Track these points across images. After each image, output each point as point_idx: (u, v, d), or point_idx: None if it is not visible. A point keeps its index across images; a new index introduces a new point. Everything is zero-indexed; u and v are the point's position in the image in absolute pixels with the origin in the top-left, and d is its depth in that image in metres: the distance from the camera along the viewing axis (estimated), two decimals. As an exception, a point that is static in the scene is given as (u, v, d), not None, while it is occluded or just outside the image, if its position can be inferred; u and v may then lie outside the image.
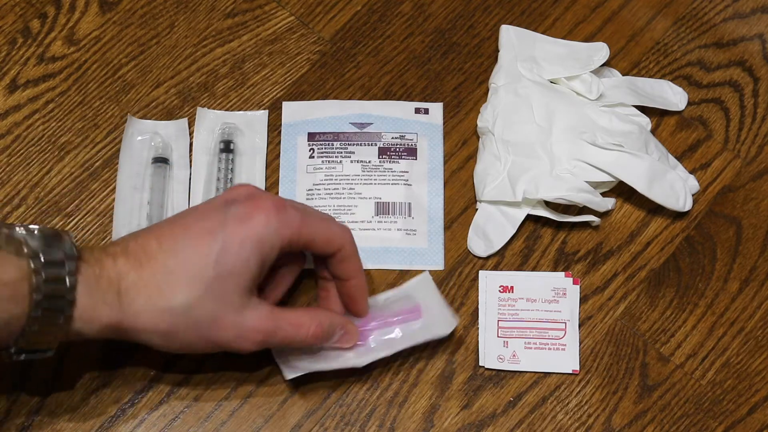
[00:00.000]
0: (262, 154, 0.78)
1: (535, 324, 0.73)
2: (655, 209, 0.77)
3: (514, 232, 0.75)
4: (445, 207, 0.77)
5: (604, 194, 0.77)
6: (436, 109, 0.80)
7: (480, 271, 0.75)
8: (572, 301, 0.74)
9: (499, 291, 0.74)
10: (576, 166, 0.76)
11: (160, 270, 0.61)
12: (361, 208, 0.76)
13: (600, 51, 0.80)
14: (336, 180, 0.77)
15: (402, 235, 0.76)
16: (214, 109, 0.79)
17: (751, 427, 0.71)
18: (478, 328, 0.73)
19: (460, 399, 0.72)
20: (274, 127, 0.79)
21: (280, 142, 0.78)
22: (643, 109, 0.79)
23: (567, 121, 0.77)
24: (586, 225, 0.76)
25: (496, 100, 0.78)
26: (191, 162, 0.77)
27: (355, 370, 0.71)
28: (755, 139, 0.80)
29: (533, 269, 0.75)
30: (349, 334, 0.68)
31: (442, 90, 0.80)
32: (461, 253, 0.75)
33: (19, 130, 0.78)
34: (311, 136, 0.78)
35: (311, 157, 0.78)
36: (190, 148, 0.78)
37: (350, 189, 0.77)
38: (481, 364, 0.72)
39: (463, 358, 0.73)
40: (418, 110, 0.79)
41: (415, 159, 0.78)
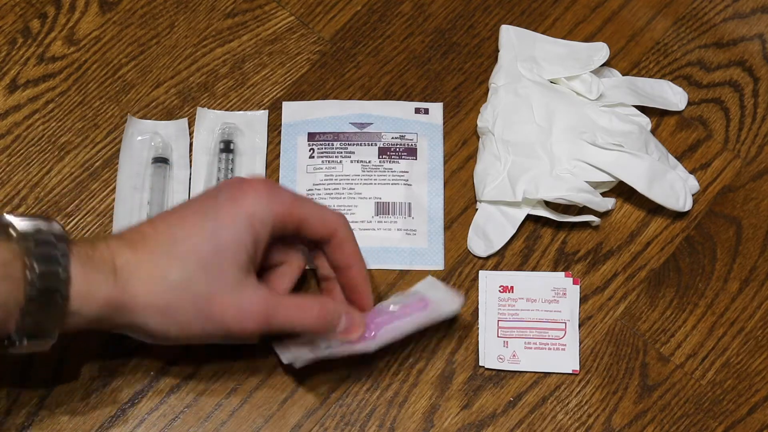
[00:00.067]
0: (262, 154, 0.78)
1: (535, 324, 0.73)
2: (655, 209, 0.77)
3: (514, 232, 0.75)
4: (445, 207, 0.77)
5: (604, 194, 0.77)
6: (436, 109, 0.80)
7: (480, 271, 0.75)
8: (572, 301, 0.74)
9: (499, 291, 0.74)
10: (576, 166, 0.76)
11: (155, 249, 0.62)
12: (361, 208, 0.76)
13: (600, 51, 0.80)
14: (336, 180, 0.77)
15: (402, 235, 0.76)
16: (214, 109, 0.79)
17: (751, 427, 0.71)
18: (478, 328, 0.73)
19: (460, 399, 0.72)
20: (274, 127, 0.79)
21: (280, 142, 0.78)
22: (643, 109, 0.79)
23: (567, 121, 0.77)
24: (586, 225, 0.76)
25: (496, 100, 0.78)
26: (191, 162, 0.77)
27: (356, 369, 0.71)
28: (755, 139, 0.80)
29: (533, 269, 0.75)
30: (354, 323, 0.67)
31: (442, 90, 0.80)
32: (461, 253, 0.75)
33: (19, 130, 0.78)
34: (311, 136, 0.78)
35: (311, 157, 0.78)
36: (190, 148, 0.78)
37: (350, 189, 0.77)
38: (481, 364, 0.72)
39: (463, 358, 0.73)
40: (418, 110, 0.79)
41: (415, 159, 0.78)
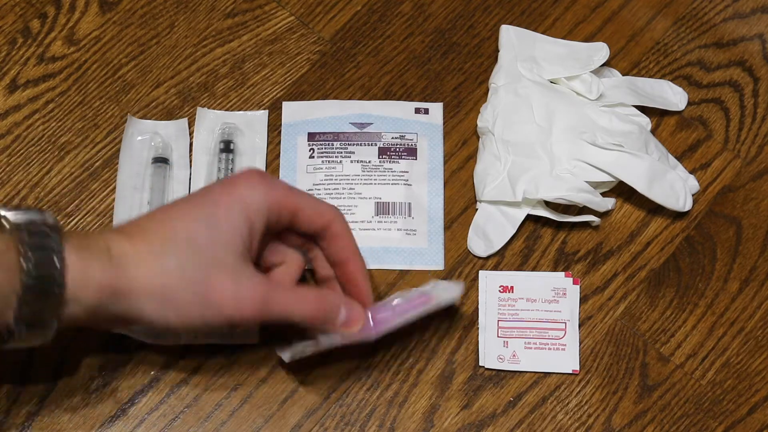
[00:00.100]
0: (262, 154, 0.78)
1: (535, 324, 0.73)
2: (655, 209, 0.77)
3: (514, 232, 0.75)
4: (445, 207, 0.77)
5: (604, 194, 0.77)
6: (436, 109, 0.80)
7: (480, 271, 0.75)
8: (572, 301, 0.74)
9: (499, 291, 0.74)
10: (576, 166, 0.76)
11: (151, 238, 0.62)
12: (361, 208, 0.76)
13: (600, 51, 0.80)
14: (336, 180, 0.77)
15: (402, 235, 0.76)
16: (214, 109, 0.79)
17: (751, 427, 0.71)
18: (478, 328, 0.73)
19: (460, 399, 0.72)
20: (274, 127, 0.79)
21: (280, 142, 0.78)
22: (643, 109, 0.79)
23: (567, 121, 0.77)
24: (586, 225, 0.76)
25: (496, 100, 0.78)
26: (191, 162, 0.77)
27: (356, 369, 0.71)
28: (755, 139, 0.80)
29: (533, 269, 0.75)
30: (354, 314, 0.66)
31: (442, 90, 0.80)
32: (461, 253, 0.75)
33: (19, 130, 0.78)
34: (311, 136, 0.78)
35: (311, 157, 0.78)
36: (190, 148, 0.78)
37: (350, 189, 0.77)
38: (481, 364, 0.72)
39: (463, 358, 0.73)
40: (418, 110, 0.79)
41: (415, 159, 0.78)
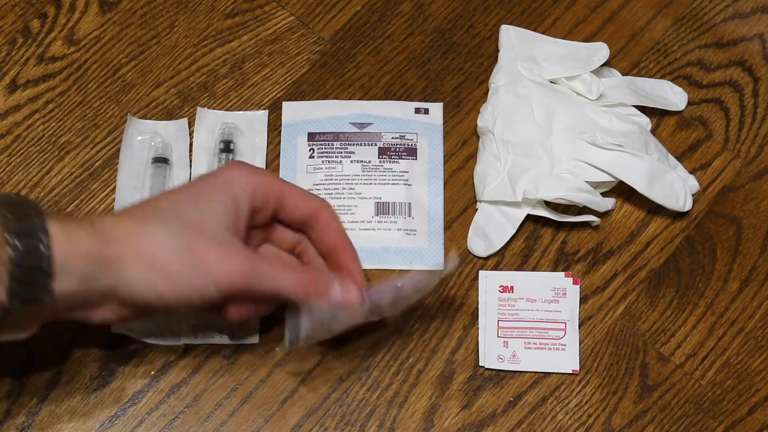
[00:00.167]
0: (262, 154, 0.78)
1: (535, 324, 0.73)
2: (655, 209, 0.77)
3: (514, 232, 0.75)
4: (445, 207, 0.77)
5: (604, 194, 0.77)
6: (436, 109, 0.80)
7: (480, 271, 0.75)
8: (572, 301, 0.74)
9: (499, 291, 0.74)
10: (576, 166, 0.76)
11: (136, 213, 0.64)
12: (361, 208, 0.76)
13: (600, 51, 0.80)
14: (336, 180, 0.77)
15: (402, 235, 0.76)
16: (214, 109, 0.79)
17: (751, 427, 0.71)
18: (478, 328, 0.73)
19: (460, 399, 0.72)
20: (274, 127, 0.79)
21: (280, 142, 0.78)
22: (643, 109, 0.79)
23: (567, 121, 0.77)
24: (586, 225, 0.76)
25: (496, 100, 0.78)
26: (191, 162, 0.77)
27: (356, 369, 0.71)
28: (755, 139, 0.80)
29: (533, 269, 0.75)
30: (350, 287, 0.66)
31: (442, 90, 0.80)
32: (461, 253, 0.75)
33: (19, 130, 0.78)
34: (311, 136, 0.78)
35: (311, 157, 0.78)
36: (190, 148, 0.78)
37: (350, 189, 0.77)
38: (481, 364, 0.72)
39: (463, 358, 0.73)
40: (418, 110, 0.79)
41: (415, 159, 0.78)
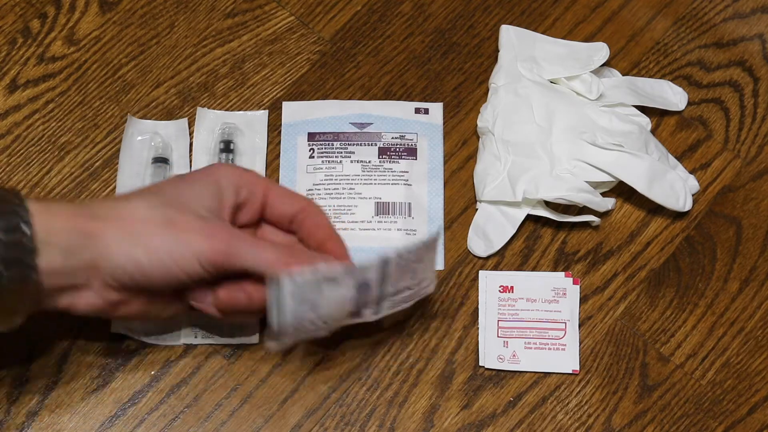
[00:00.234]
0: (262, 154, 0.78)
1: (535, 324, 0.73)
2: (655, 209, 0.77)
3: (514, 232, 0.75)
4: (445, 207, 0.77)
5: (604, 194, 0.77)
6: (436, 109, 0.80)
7: (480, 271, 0.75)
8: (572, 301, 0.74)
9: (499, 291, 0.74)
10: (576, 166, 0.76)
11: (119, 196, 0.66)
12: (361, 208, 0.76)
13: (600, 51, 0.80)
14: (336, 180, 0.77)
15: (402, 235, 0.76)
16: (214, 109, 0.79)
17: (751, 427, 0.71)
18: (478, 328, 0.73)
19: (460, 399, 0.72)
20: (274, 127, 0.79)
21: (280, 142, 0.78)
22: (643, 109, 0.79)
23: (567, 121, 0.77)
24: (586, 225, 0.76)
25: (496, 100, 0.78)
26: (191, 162, 0.77)
27: (356, 369, 0.71)
28: (755, 139, 0.80)
29: (533, 269, 0.75)
30: (333, 261, 0.65)
31: (442, 90, 0.80)
32: (461, 253, 0.75)
33: (19, 130, 0.78)
34: (311, 136, 0.78)
35: (311, 157, 0.78)
36: (190, 148, 0.78)
37: (350, 189, 0.77)
38: (481, 364, 0.72)
39: (463, 358, 0.73)
40: (418, 110, 0.79)
41: (415, 159, 0.78)
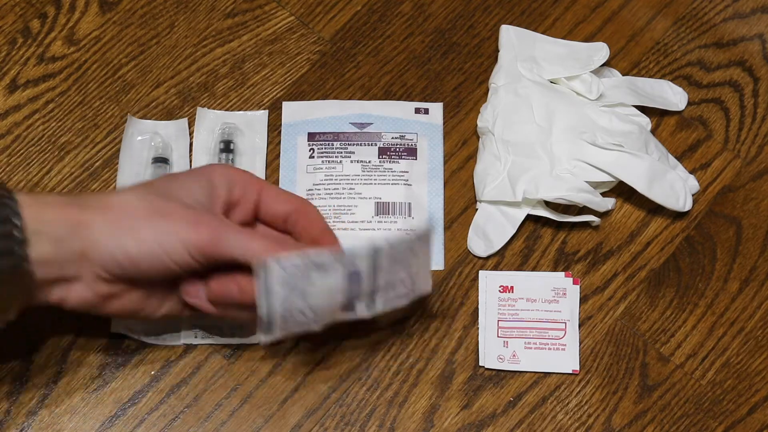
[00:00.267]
0: (262, 154, 0.78)
1: (535, 324, 0.73)
2: (655, 209, 0.77)
3: (514, 232, 0.75)
4: (445, 207, 0.77)
5: (604, 194, 0.77)
6: (436, 109, 0.80)
7: (480, 271, 0.75)
8: (572, 301, 0.74)
9: (499, 291, 0.74)
10: (576, 166, 0.76)
11: (108, 191, 0.67)
12: (361, 208, 0.76)
13: (600, 51, 0.80)
14: (336, 180, 0.77)
15: (402, 235, 0.76)
16: (214, 109, 0.79)
17: (751, 427, 0.71)
18: (478, 328, 0.73)
19: (460, 399, 0.72)
20: (274, 127, 0.79)
21: (280, 142, 0.78)
22: (643, 109, 0.79)
23: (567, 121, 0.77)
24: (586, 225, 0.76)
25: (496, 100, 0.78)
26: (191, 162, 0.77)
27: (356, 369, 0.71)
28: (755, 139, 0.80)
29: (533, 269, 0.75)
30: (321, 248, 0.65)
31: (442, 90, 0.80)
32: (461, 253, 0.75)
33: (19, 130, 0.78)
34: (311, 136, 0.78)
35: (311, 157, 0.78)
36: (190, 148, 0.78)
37: (350, 189, 0.77)
38: (481, 364, 0.72)
39: (463, 358, 0.73)
40: (418, 110, 0.79)
41: (415, 159, 0.78)
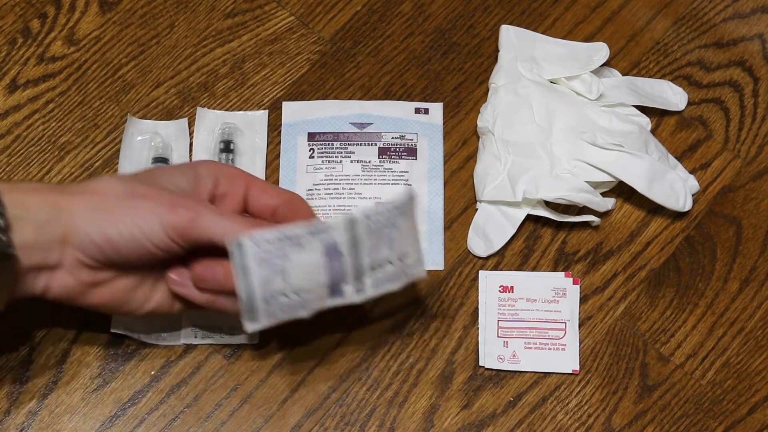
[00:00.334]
0: (262, 154, 0.78)
1: (535, 324, 0.73)
2: (655, 209, 0.77)
3: (514, 232, 0.75)
4: (445, 207, 0.77)
5: (604, 194, 0.77)
6: (436, 109, 0.80)
7: (480, 271, 0.75)
8: (572, 301, 0.74)
9: (499, 291, 0.74)
10: (576, 166, 0.76)
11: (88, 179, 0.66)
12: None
13: (600, 51, 0.80)
14: (336, 180, 0.77)
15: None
16: (214, 109, 0.79)
17: (751, 427, 0.71)
18: (478, 328, 0.73)
19: (460, 399, 0.72)
20: (274, 127, 0.79)
21: (280, 142, 0.78)
22: (643, 109, 0.79)
23: (567, 121, 0.77)
24: (586, 225, 0.76)
25: (496, 100, 0.78)
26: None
27: (356, 369, 0.71)
28: (755, 139, 0.80)
29: (533, 269, 0.75)
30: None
31: (442, 90, 0.80)
32: (461, 253, 0.75)
33: (19, 130, 0.78)
34: (311, 136, 0.78)
35: (311, 157, 0.78)
36: (190, 148, 0.78)
37: (350, 189, 0.77)
38: (481, 364, 0.72)
39: (463, 358, 0.73)
40: (418, 110, 0.79)
41: (415, 159, 0.78)
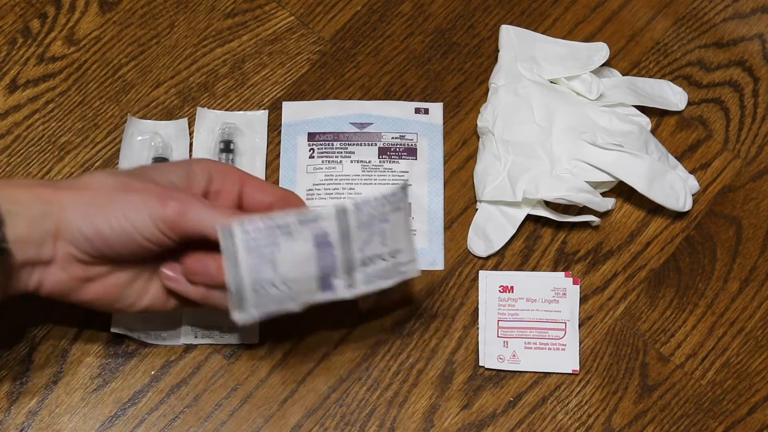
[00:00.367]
0: (262, 154, 0.78)
1: (535, 324, 0.73)
2: (655, 209, 0.77)
3: (514, 232, 0.75)
4: (445, 207, 0.77)
5: (604, 194, 0.77)
6: (436, 109, 0.80)
7: (480, 271, 0.75)
8: (572, 301, 0.74)
9: (499, 291, 0.74)
10: (576, 166, 0.76)
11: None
12: (361, 208, 0.76)
13: (600, 51, 0.80)
14: (336, 180, 0.77)
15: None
16: (214, 109, 0.79)
17: (751, 427, 0.71)
18: (478, 328, 0.73)
19: (460, 399, 0.72)
20: (274, 127, 0.79)
21: (280, 142, 0.78)
22: (643, 109, 0.79)
23: (567, 121, 0.77)
24: (586, 225, 0.76)
25: (496, 100, 0.78)
26: (191, 162, 0.77)
27: (356, 369, 0.71)
28: (755, 139, 0.80)
29: (533, 269, 0.75)
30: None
31: (442, 90, 0.80)
32: (461, 253, 0.75)
33: (19, 130, 0.78)
34: (311, 136, 0.78)
35: (311, 157, 0.78)
36: (190, 148, 0.78)
37: (350, 189, 0.77)
38: (481, 364, 0.72)
39: (463, 358, 0.73)
40: (418, 110, 0.79)
41: (415, 159, 0.78)
